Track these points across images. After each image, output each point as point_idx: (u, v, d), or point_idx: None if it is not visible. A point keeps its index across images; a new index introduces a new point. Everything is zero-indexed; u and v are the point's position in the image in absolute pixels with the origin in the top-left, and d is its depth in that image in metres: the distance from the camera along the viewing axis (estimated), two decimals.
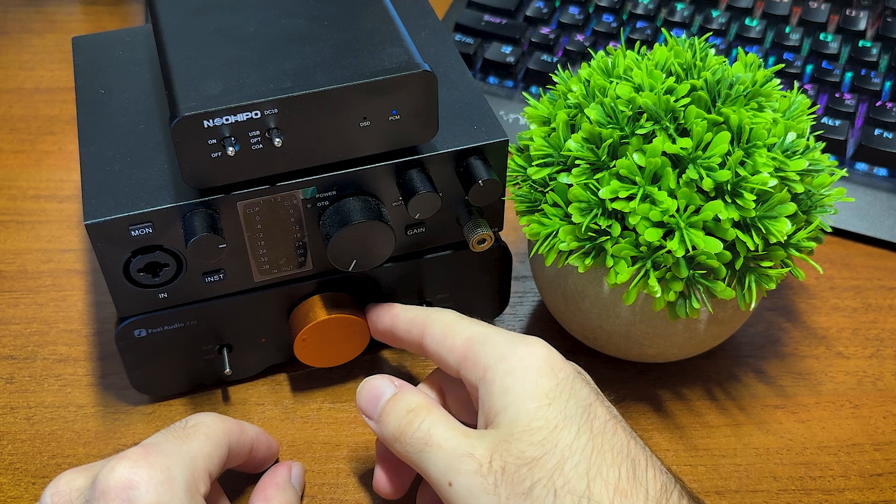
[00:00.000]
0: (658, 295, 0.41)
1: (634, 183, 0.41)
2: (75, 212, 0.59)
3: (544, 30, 0.67)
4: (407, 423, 0.38)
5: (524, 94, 0.53)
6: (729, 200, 0.40)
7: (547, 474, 0.34)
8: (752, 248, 0.41)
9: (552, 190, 0.43)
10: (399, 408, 0.38)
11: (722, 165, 0.40)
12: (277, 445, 0.45)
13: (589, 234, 0.42)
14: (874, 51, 0.64)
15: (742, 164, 0.40)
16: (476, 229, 0.45)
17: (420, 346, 0.41)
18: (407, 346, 0.43)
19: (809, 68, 0.64)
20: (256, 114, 0.38)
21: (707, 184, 0.40)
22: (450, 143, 0.44)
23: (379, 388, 0.40)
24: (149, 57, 0.49)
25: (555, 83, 0.47)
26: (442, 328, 0.40)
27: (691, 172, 0.40)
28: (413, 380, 0.50)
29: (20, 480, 0.45)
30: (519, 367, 0.36)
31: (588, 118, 0.43)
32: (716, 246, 0.40)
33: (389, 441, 0.38)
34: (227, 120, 0.38)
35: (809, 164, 0.42)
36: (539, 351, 0.37)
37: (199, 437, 0.39)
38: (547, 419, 0.35)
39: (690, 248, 0.40)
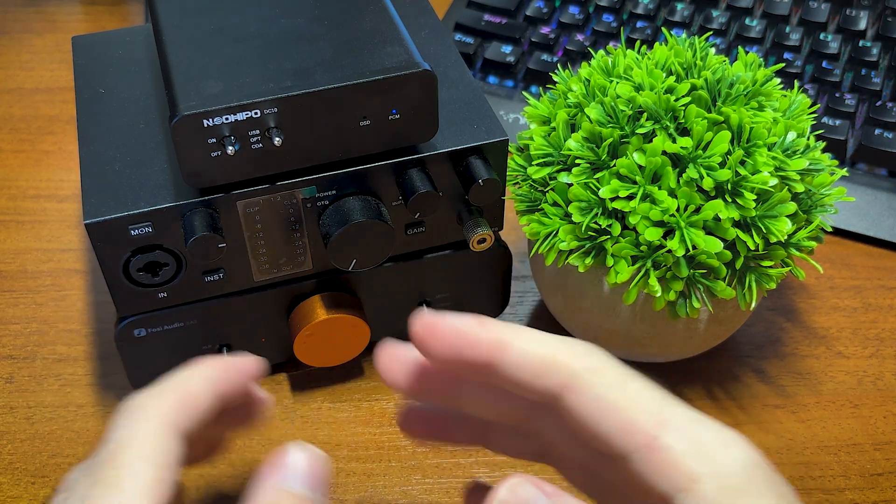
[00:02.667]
0: (658, 294, 0.41)
1: (635, 182, 0.41)
2: (75, 211, 0.59)
3: (544, 29, 0.67)
4: None
5: (524, 93, 0.53)
6: (729, 200, 0.40)
7: None
8: (752, 248, 0.41)
9: (552, 189, 0.43)
10: None
11: (722, 165, 0.40)
12: (253, 360, 0.34)
13: (589, 233, 0.42)
14: (874, 51, 0.64)
15: (742, 163, 0.40)
16: (476, 229, 0.45)
17: (544, 398, 0.29)
18: (507, 384, 0.29)
19: (810, 68, 0.64)
20: (256, 113, 0.38)
21: (707, 183, 0.40)
22: (450, 142, 0.44)
23: (529, 499, 0.28)
24: (149, 57, 0.48)
25: (555, 83, 0.47)
26: (609, 391, 0.28)
27: (691, 172, 0.40)
28: None
29: (20, 480, 0.45)
30: (745, 481, 0.27)
31: (588, 117, 0.43)
32: (716, 245, 0.40)
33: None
34: (226, 119, 0.38)
35: (810, 164, 0.42)
36: (756, 459, 0.28)
37: (113, 493, 0.27)
38: None
39: (691, 248, 0.40)
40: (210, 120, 0.38)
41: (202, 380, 0.32)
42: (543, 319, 0.53)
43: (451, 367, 0.30)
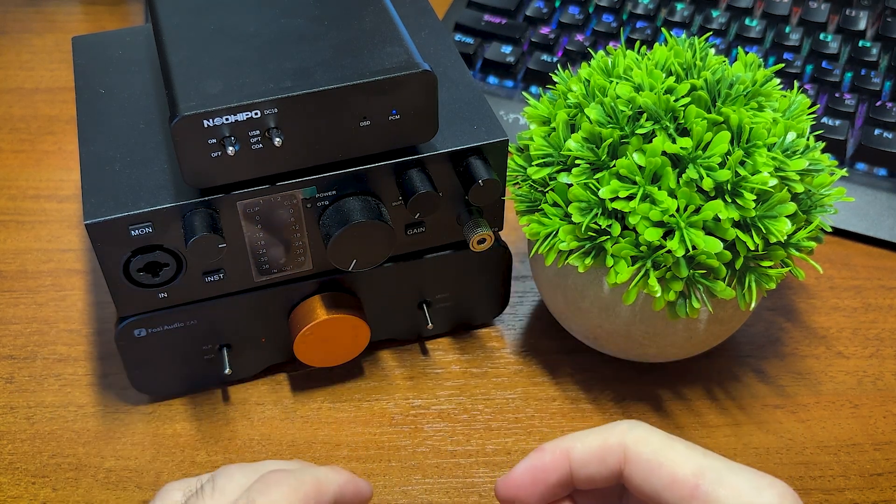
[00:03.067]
0: (658, 294, 0.41)
1: (634, 183, 0.41)
2: (75, 211, 0.59)
3: (544, 30, 0.67)
4: None
5: (524, 93, 0.53)
6: (729, 200, 0.40)
7: None
8: (752, 248, 0.41)
9: (552, 190, 0.43)
10: None
11: (722, 165, 0.40)
12: (370, 489, 0.37)
13: (589, 233, 0.42)
14: (874, 51, 0.64)
15: (742, 163, 0.40)
16: (476, 229, 0.45)
17: (613, 478, 0.34)
18: (585, 482, 0.34)
19: (809, 68, 0.64)
20: (256, 113, 0.38)
21: (707, 183, 0.40)
22: (450, 142, 0.44)
23: None
24: (149, 57, 0.49)
25: (555, 83, 0.47)
26: (653, 455, 0.32)
27: (691, 172, 0.40)
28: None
29: (20, 480, 0.45)
30: None
31: (588, 118, 0.43)
32: (716, 245, 0.40)
33: None
34: (226, 119, 0.38)
35: (809, 164, 0.42)
36: (790, 494, 0.32)
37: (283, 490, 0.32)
38: None
39: (690, 248, 0.40)
40: (210, 120, 0.38)
41: (334, 478, 0.36)
42: (543, 319, 0.53)
43: (546, 495, 0.34)
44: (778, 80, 0.45)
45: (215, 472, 0.34)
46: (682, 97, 0.42)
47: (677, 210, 0.40)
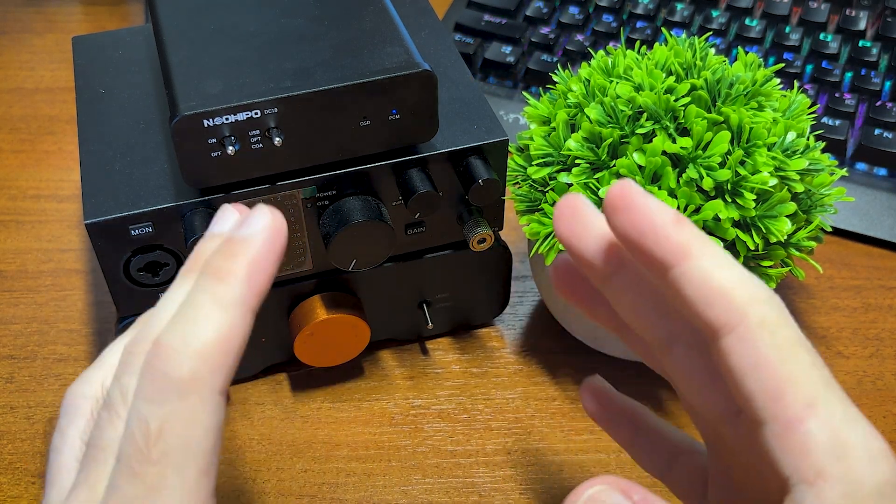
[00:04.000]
0: None
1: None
2: (75, 211, 0.59)
3: (544, 30, 0.67)
4: None
5: (524, 93, 0.53)
6: (729, 200, 0.40)
7: None
8: (752, 248, 0.41)
9: (552, 189, 0.43)
10: None
11: (722, 165, 0.40)
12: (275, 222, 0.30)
13: None
14: (874, 51, 0.64)
15: (742, 163, 0.40)
16: (476, 229, 0.45)
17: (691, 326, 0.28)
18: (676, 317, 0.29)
19: (809, 68, 0.64)
20: (256, 113, 0.38)
21: (707, 183, 0.40)
22: (450, 142, 0.44)
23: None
24: (149, 57, 0.49)
25: (555, 83, 0.47)
26: (774, 348, 0.25)
27: (691, 172, 0.40)
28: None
29: (20, 480, 0.45)
30: (871, 499, 0.25)
31: (588, 118, 0.43)
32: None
33: None
34: (227, 119, 0.38)
35: (809, 164, 0.42)
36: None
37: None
38: None
39: None
40: (210, 120, 0.38)
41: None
42: (543, 319, 0.53)
43: (628, 245, 0.27)
44: (778, 80, 0.45)
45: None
46: (682, 97, 0.42)
47: (677, 210, 0.40)
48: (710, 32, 0.66)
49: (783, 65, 0.56)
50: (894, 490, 0.24)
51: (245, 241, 0.29)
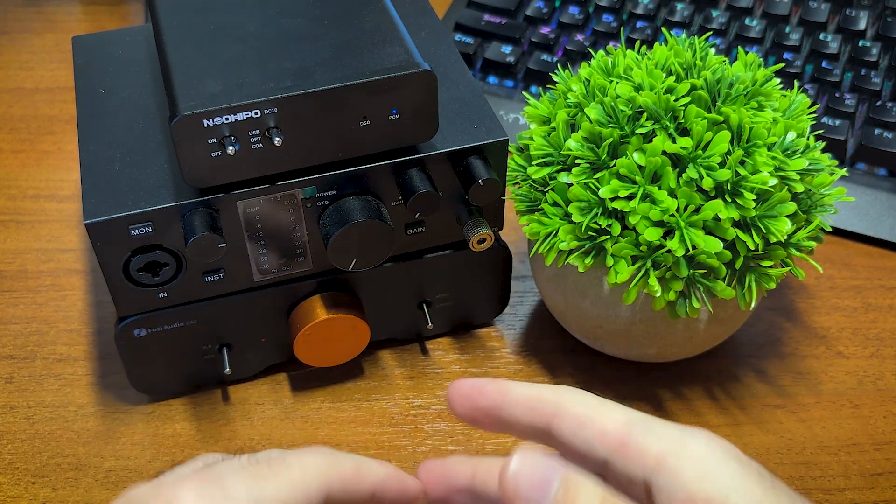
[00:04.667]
0: (658, 294, 0.41)
1: (634, 182, 0.41)
2: (75, 211, 0.59)
3: (544, 29, 0.67)
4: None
5: (524, 93, 0.53)
6: (729, 200, 0.40)
7: None
8: (752, 248, 0.41)
9: (552, 189, 0.43)
10: (584, 499, 0.30)
11: (722, 165, 0.40)
12: (418, 486, 0.36)
13: (589, 233, 0.42)
14: (874, 51, 0.64)
15: (742, 163, 0.40)
16: (476, 229, 0.45)
17: (544, 431, 0.33)
18: (518, 431, 0.34)
19: (809, 68, 0.64)
20: (256, 113, 0.38)
21: (707, 183, 0.40)
22: (450, 142, 0.44)
23: (542, 472, 0.30)
24: (149, 56, 0.48)
25: (555, 83, 0.47)
26: (584, 409, 0.32)
27: (691, 172, 0.40)
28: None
29: (20, 480, 0.45)
30: (709, 454, 0.30)
31: (588, 117, 0.43)
32: (716, 245, 0.40)
33: None
34: (226, 119, 0.38)
35: (809, 164, 0.42)
36: (719, 440, 0.31)
37: (279, 481, 0.31)
38: None
39: (690, 248, 0.40)
40: (210, 120, 0.38)
41: (377, 468, 0.35)
42: (543, 319, 0.53)
43: (473, 415, 0.34)
44: (778, 80, 0.45)
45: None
46: (682, 97, 0.42)
47: (677, 210, 0.40)
48: (710, 32, 0.66)
49: (783, 65, 0.56)
50: (719, 448, 0.30)
51: None
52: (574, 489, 0.30)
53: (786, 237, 0.41)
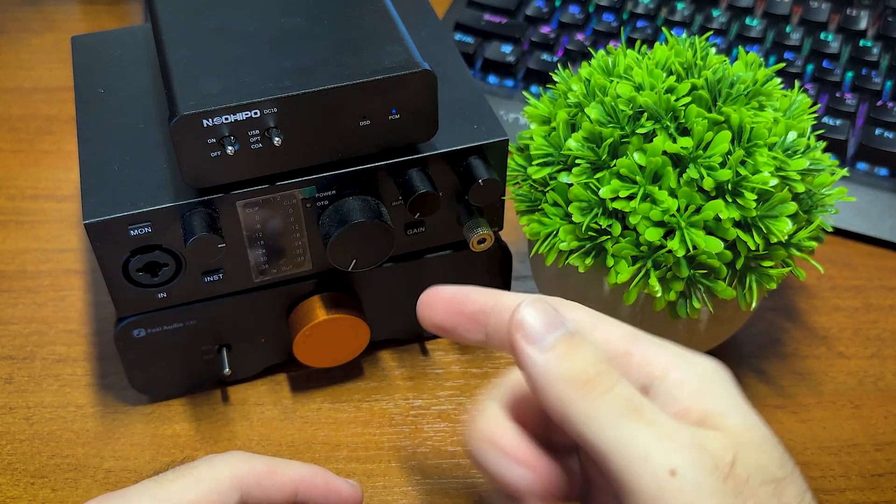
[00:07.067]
0: (659, 295, 0.41)
1: (635, 182, 0.41)
2: (74, 211, 0.59)
3: (544, 29, 0.67)
4: (601, 372, 0.29)
5: (524, 93, 0.53)
6: (730, 200, 0.40)
7: (791, 502, 0.28)
8: (752, 248, 0.40)
9: (552, 189, 0.43)
10: (590, 351, 0.30)
11: (723, 165, 0.40)
12: (354, 491, 0.37)
13: (589, 233, 0.42)
14: (875, 50, 0.64)
15: (743, 163, 0.40)
16: (476, 229, 0.45)
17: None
18: (500, 341, 0.32)
19: (810, 68, 0.64)
20: (256, 113, 0.38)
21: (708, 183, 0.40)
22: (450, 142, 0.44)
23: (552, 317, 0.30)
24: (148, 56, 0.48)
25: (555, 82, 0.47)
26: (584, 316, 0.32)
27: (692, 172, 0.40)
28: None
29: (19, 480, 0.45)
30: (712, 374, 0.31)
31: (588, 117, 0.43)
32: (716, 245, 0.40)
33: (559, 384, 0.29)
34: (226, 119, 0.38)
35: (810, 164, 0.42)
36: (723, 366, 0.31)
37: (185, 481, 0.32)
38: (775, 439, 0.30)
39: (691, 248, 0.40)
40: (210, 120, 0.38)
41: (298, 468, 0.36)
42: None
43: (453, 321, 0.33)
44: (779, 80, 0.45)
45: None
46: (683, 97, 0.42)
47: (678, 210, 0.40)
48: (711, 32, 0.66)
49: (784, 64, 0.56)
50: (719, 368, 0.31)
51: None
52: (577, 342, 0.30)
53: (787, 237, 0.41)
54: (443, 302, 0.33)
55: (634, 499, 0.28)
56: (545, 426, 0.33)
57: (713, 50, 0.46)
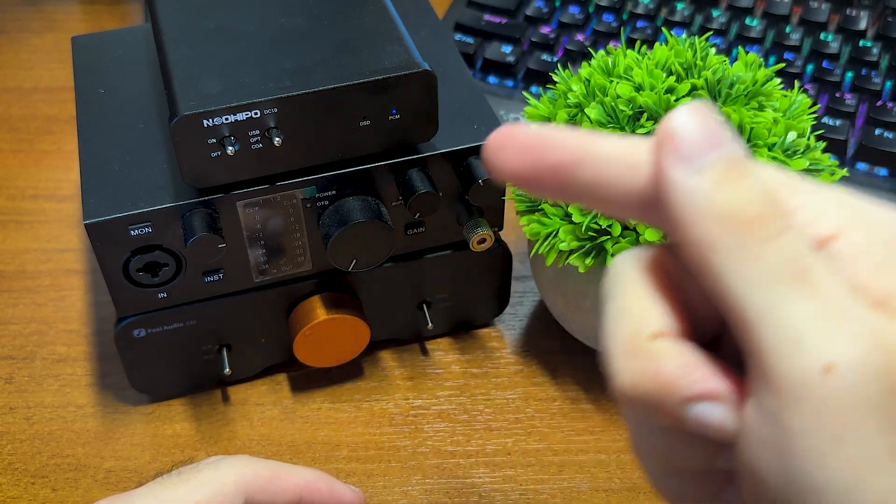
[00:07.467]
0: None
1: None
2: (74, 211, 0.59)
3: (544, 29, 0.67)
4: (766, 214, 0.21)
5: (524, 93, 0.53)
6: None
7: None
8: None
9: None
10: (757, 182, 0.22)
11: None
12: (356, 498, 0.36)
13: (589, 233, 0.42)
14: (875, 50, 0.64)
15: None
16: (476, 229, 0.45)
17: (647, 202, 0.23)
18: (598, 200, 0.24)
19: (810, 68, 0.64)
20: (256, 113, 0.38)
21: None
22: (450, 142, 0.44)
23: (714, 130, 0.22)
24: (148, 56, 0.48)
25: (555, 83, 0.47)
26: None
27: None
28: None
29: (19, 480, 0.45)
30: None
31: (588, 117, 0.43)
32: None
33: (710, 221, 0.21)
34: (226, 119, 0.38)
35: (810, 164, 0.42)
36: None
37: (190, 484, 0.32)
38: None
39: None
40: (210, 120, 0.38)
41: (301, 473, 0.35)
42: (543, 319, 0.53)
43: (533, 173, 0.25)
44: (778, 80, 0.45)
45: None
46: (683, 97, 0.42)
47: None
48: (711, 32, 0.66)
49: (784, 64, 0.56)
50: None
51: None
52: (744, 170, 0.22)
53: None
54: (517, 147, 0.24)
55: (770, 392, 0.21)
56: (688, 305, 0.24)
57: (713, 50, 0.46)
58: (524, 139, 0.24)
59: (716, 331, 0.25)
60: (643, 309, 0.24)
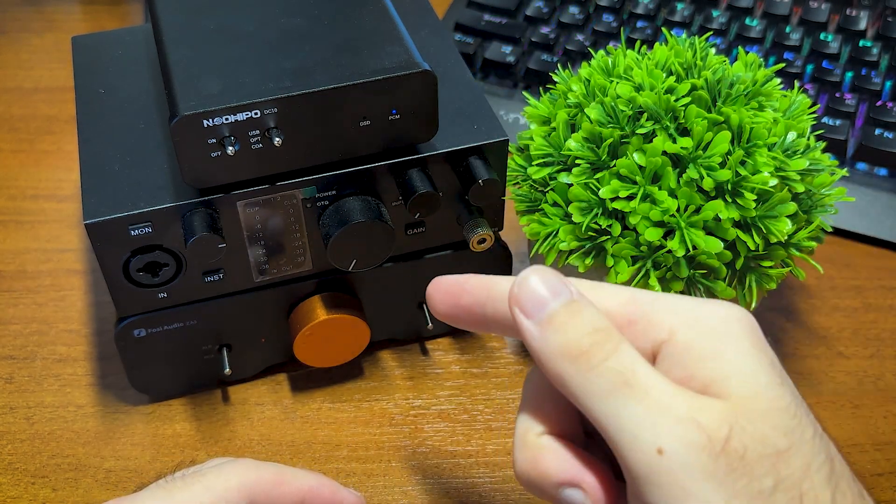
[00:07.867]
0: None
1: (635, 182, 0.41)
2: (74, 211, 0.59)
3: (544, 29, 0.67)
4: (595, 343, 0.28)
5: (524, 93, 0.53)
6: (729, 200, 0.40)
7: (794, 473, 0.26)
8: (752, 248, 0.41)
9: (552, 189, 0.43)
10: (585, 321, 0.28)
11: (722, 165, 0.40)
12: (354, 500, 0.37)
13: (589, 233, 0.42)
14: (874, 50, 0.64)
15: (742, 163, 0.40)
16: (476, 229, 0.45)
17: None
18: (504, 328, 0.31)
19: (810, 68, 0.64)
20: (256, 113, 0.38)
21: (707, 183, 0.40)
22: (450, 142, 0.44)
23: (552, 285, 0.29)
24: (148, 56, 0.48)
25: (555, 83, 0.47)
26: (583, 288, 0.30)
27: (692, 172, 0.40)
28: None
29: (20, 480, 0.45)
30: (724, 330, 0.28)
31: (588, 118, 0.43)
32: (716, 245, 0.40)
33: (555, 358, 0.28)
34: (226, 119, 0.38)
35: (810, 164, 0.42)
36: (740, 314, 0.29)
37: (194, 489, 0.33)
38: (788, 402, 0.27)
39: (691, 248, 0.40)
40: (210, 120, 0.38)
41: (304, 477, 0.36)
42: None
43: (455, 313, 0.33)
44: (778, 80, 0.45)
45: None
46: (683, 97, 0.42)
47: (678, 210, 0.40)
48: (711, 32, 0.66)
49: (783, 65, 0.56)
50: (736, 320, 0.29)
51: None
52: (576, 310, 0.28)
53: (786, 237, 0.41)
54: (441, 294, 0.33)
55: (629, 477, 0.27)
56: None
57: (713, 50, 0.46)
58: (446, 287, 0.33)
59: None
60: (534, 412, 0.31)
